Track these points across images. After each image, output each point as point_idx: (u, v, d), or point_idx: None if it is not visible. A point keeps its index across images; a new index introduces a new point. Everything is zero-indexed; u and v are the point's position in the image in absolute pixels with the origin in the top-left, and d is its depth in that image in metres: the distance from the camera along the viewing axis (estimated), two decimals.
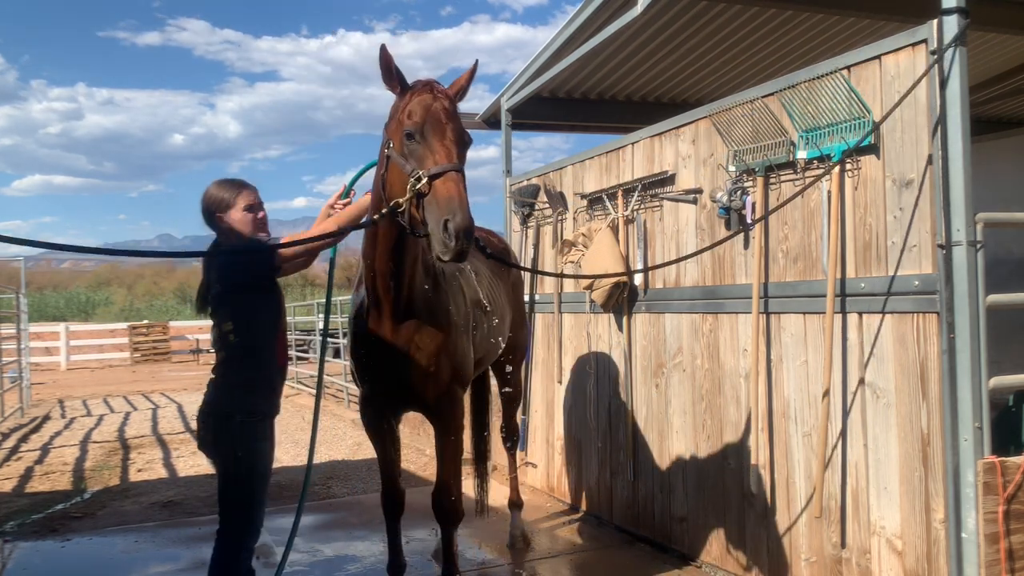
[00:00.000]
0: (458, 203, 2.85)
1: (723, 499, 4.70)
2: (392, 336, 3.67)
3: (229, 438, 3.34)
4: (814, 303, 4.04)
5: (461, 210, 2.83)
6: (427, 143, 3.06)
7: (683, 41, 6.61)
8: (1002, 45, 7.05)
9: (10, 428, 12.07)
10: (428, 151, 3.04)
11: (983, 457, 3.32)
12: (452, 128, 3.13)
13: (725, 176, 4.60)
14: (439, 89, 3.23)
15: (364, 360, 3.87)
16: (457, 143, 3.10)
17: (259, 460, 3.41)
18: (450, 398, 3.91)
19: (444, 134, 3.09)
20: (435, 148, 3.04)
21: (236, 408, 3.35)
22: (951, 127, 3.38)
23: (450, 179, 2.93)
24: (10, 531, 6.10)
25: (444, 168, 2.96)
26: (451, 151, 3.04)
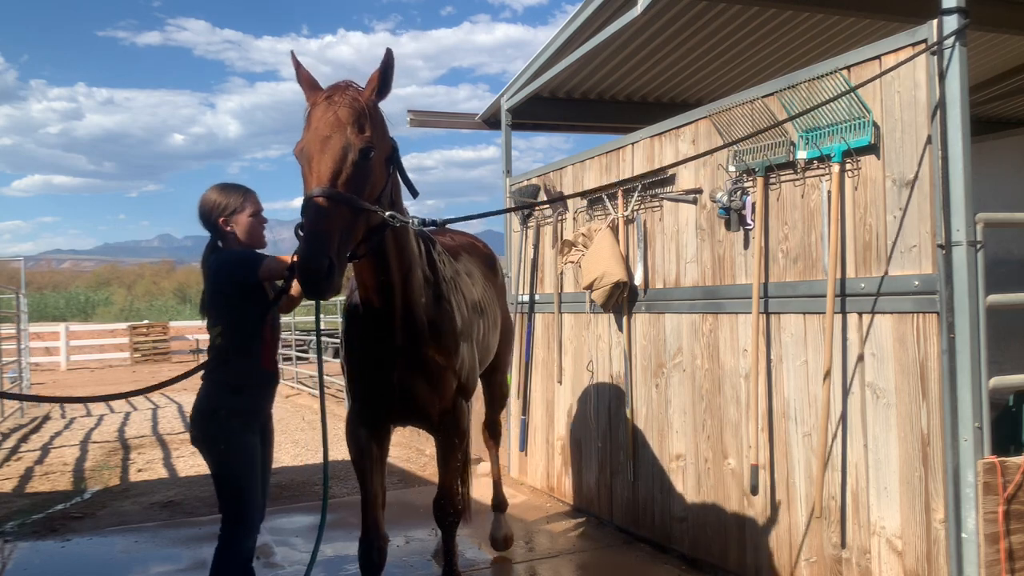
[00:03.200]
0: (305, 231, 2.65)
1: (723, 499, 4.70)
2: (392, 351, 3.42)
3: (214, 435, 3.46)
4: (814, 303, 4.04)
5: (306, 244, 2.62)
6: (305, 164, 2.81)
7: (683, 41, 6.61)
8: (1002, 45, 7.05)
9: (10, 428, 12.07)
10: (306, 177, 2.80)
11: (983, 457, 3.32)
12: (332, 142, 2.76)
13: (725, 176, 4.60)
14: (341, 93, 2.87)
15: (360, 374, 3.59)
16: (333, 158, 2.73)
17: (245, 457, 3.48)
18: (456, 411, 3.73)
19: (319, 151, 2.76)
20: (307, 171, 2.78)
21: (221, 405, 3.47)
22: (951, 127, 3.39)
23: (307, 205, 2.67)
24: (10, 531, 6.09)
25: (308, 195, 2.69)
26: (320, 172, 2.72)
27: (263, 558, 5.23)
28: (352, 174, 2.75)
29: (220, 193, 3.62)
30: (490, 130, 8.19)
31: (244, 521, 3.50)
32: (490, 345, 4.67)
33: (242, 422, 3.50)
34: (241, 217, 3.62)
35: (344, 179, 2.73)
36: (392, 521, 5.81)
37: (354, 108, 2.83)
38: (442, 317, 3.55)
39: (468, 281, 4.23)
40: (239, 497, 3.48)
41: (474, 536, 5.61)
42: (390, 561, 3.77)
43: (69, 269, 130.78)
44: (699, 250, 4.88)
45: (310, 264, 2.59)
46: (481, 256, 4.96)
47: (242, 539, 3.50)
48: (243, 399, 3.51)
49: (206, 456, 3.56)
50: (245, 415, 3.51)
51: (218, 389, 3.51)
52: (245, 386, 3.52)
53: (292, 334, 17.80)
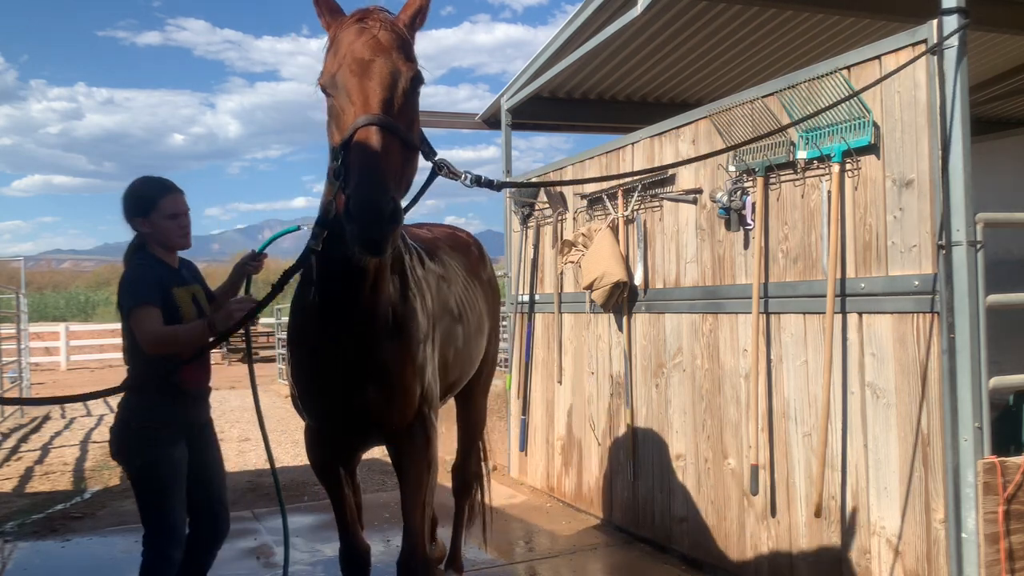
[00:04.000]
0: (358, 165, 2.10)
1: (723, 499, 4.70)
2: (347, 349, 2.84)
3: (127, 446, 3.34)
4: (814, 303, 4.04)
5: (365, 177, 2.07)
6: (343, 95, 2.28)
7: (683, 41, 6.61)
8: (1002, 45, 7.05)
9: (10, 428, 12.07)
10: (344, 108, 2.27)
11: (983, 457, 3.33)
12: (378, 65, 2.28)
13: (725, 176, 4.60)
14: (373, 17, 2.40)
15: (310, 382, 3.04)
16: (383, 83, 2.26)
17: (161, 468, 3.31)
18: (422, 423, 3.14)
19: (364, 75, 2.26)
20: (351, 99, 2.25)
21: (132, 416, 3.33)
22: (951, 127, 3.39)
23: (361, 136, 2.14)
24: (10, 531, 6.09)
25: (356, 125, 2.17)
26: (369, 99, 2.22)
27: (263, 558, 5.23)
28: (403, 106, 2.29)
29: (137, 189, 3.41)
30: (490, 130, 8.20)
31: (166, 532, 3.33)
32: (472, 354, 4.02)
33: (160, 434, 3.31)
34: (156, 217, 3.38)
35: (397, 110, 2.26)
36: (379, 524, 5.83)
37: (396, 32, 2.39)
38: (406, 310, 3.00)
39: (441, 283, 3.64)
40: (160, 508, 3.31)
41: (474, 536, 5.60)
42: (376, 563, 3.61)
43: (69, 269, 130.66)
44: (699, 250, 4.88)
45: (375, 202, 2.02)
46: (463, 249, 4.42)
47: (167, 550, 3.33)
48: (161, 411, 3.33)
49: (124, 469, 3.45)
50: (164, 427, 3.33)
51: (129, 400, 3.38)
52: (157, 395, 3.33)
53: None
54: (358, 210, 2.03)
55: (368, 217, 2.03)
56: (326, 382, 2.94)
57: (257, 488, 7.45)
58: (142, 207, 3.37)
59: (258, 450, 9.65)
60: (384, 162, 2.12)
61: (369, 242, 2.06)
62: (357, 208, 2.03)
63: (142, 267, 3.36)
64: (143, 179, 3.48)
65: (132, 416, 3.34)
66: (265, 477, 8.02)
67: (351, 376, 2.87)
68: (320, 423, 3.17)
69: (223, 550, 3.76)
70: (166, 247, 3.45)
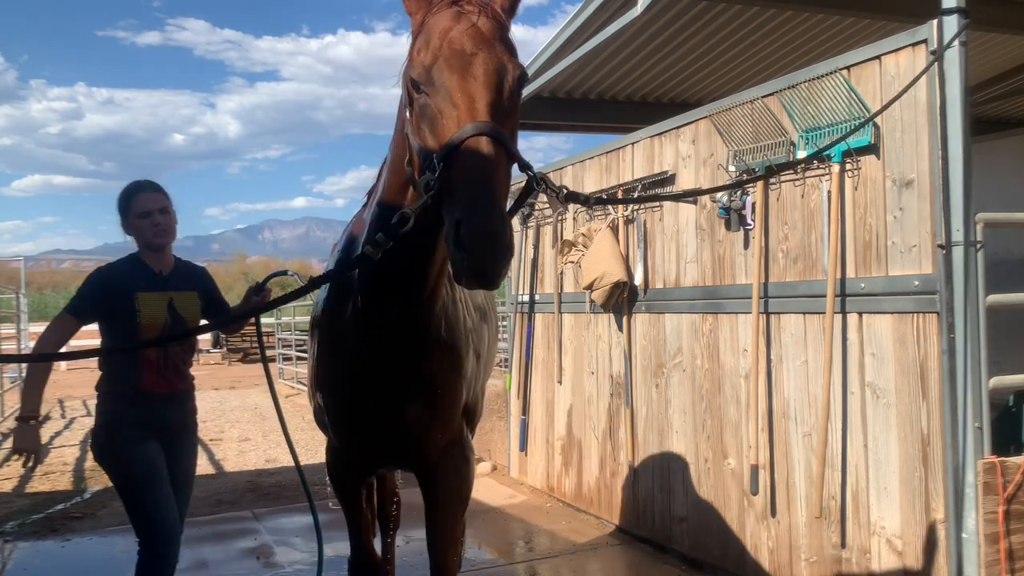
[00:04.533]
0: (471, 185, 1.79)
1: (723, 499, 4.70)
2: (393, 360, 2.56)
3: (101, 447, 3.37)
4: (814, 303, 4.04)
5: (480, 201, 1.76)
6: (441, 94, 1.94)
7: (683, 41, 6.61)
8: (1002, 45, 7.05)
9: (10, 428, 12.07)
10: (442, 110, 1.92)
11: (983, 457, 3.33)
12: (482, 60, 1.94)
13: (725, 176, 4.60)
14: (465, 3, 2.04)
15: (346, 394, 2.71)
16: (490, 84, 1.93)
17: (133, 466, 3.31)
18: (461, 445, 2.91)
19: (467, 73, 1.93)
20: (453, 101, 1.91)
21: (103, 417, 3.38)
22: (951, 127, 3.39)
23: (470, 149, 1.82)
24: (10, 531, 6.10)
25: (463, 134, 1.84)
26: (475, 102, 1.89)
27: (263, 558, 5.23)
28: (508, 111, 1.97)
29: (120, 193, 3.46)
30: None
31: (153, 530, 3.29)
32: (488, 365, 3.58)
33: (133, 434, 3.32)
34: (131, 218, 3.43)
35: (502, 117, 1.94)
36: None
37: (497, 20, 2.05)
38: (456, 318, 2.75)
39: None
40: (137, 508, 3.31)
41: (474, 536, 5.61)
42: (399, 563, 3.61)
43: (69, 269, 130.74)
44: (699, 250, 4.88)
45: (493, 232, 1.75)
46: None
47: (158, 547, 3.28)
48: (134, 411, 3.34)
49: (104, 470, 3.45)
50: (137, 427, 3.33)
51: (106, 400, 3.41)
52: (134, 398, 3.35)
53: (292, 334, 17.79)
54: (474, 241, 1.73)
55: (486, 249, 1.75)
56: (365, 395, 2.64)
57: (257, 488, 7.45)
58: (121, 209, 3.43)
59: (258, 450, 9.65)
60: (498, 183, 1.84)
61: (483, 275, 1.79)
62: (473, 238, 1.73)
63: (105, 268, 3.42)
64: (128, 184, 3.51)
65: (103, 417, 3.37)
66: (265, 477, 8.02)
67: (394, 389, 2.61)
68: (351, 439, 2.87)
69: (223, 550, 3.76)
70: (147, 248, 3.44)
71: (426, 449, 2.80)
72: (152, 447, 3.35)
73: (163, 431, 3.41)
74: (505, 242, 1.77)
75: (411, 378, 2.61)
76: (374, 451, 2.87)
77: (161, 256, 3.49)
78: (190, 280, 3.58)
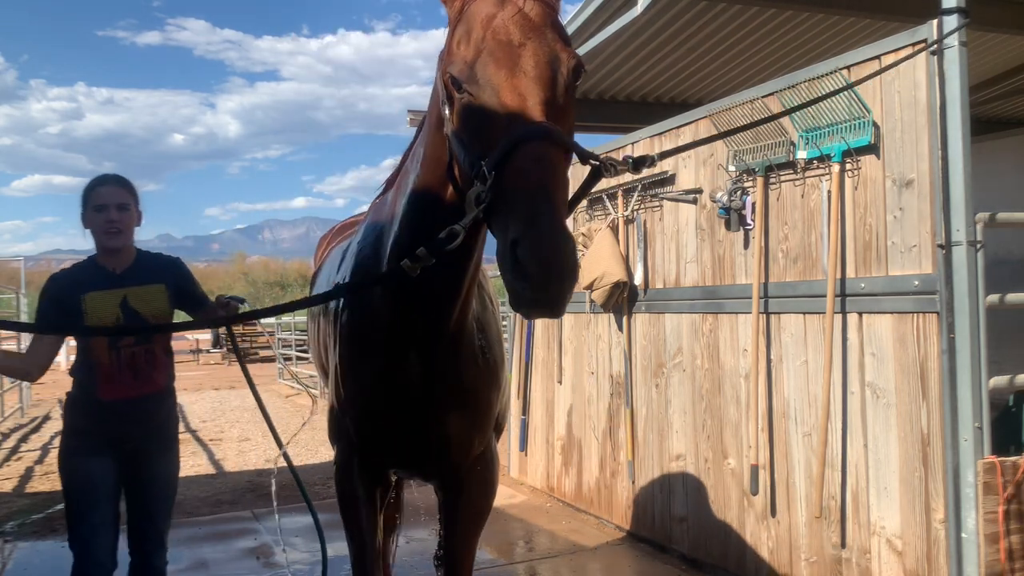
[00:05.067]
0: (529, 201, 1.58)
1: (723, 499, 4.70)
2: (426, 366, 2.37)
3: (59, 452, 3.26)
4: (814, 303, 4.04)
5: (540, 216, 1.55)
6: (488, 93, 1.72)
7: (683, 41, 6.61)
8: (1002, 45, 7.05)
9: (10, 428, 12.07)
10: (491, 111, 1.71)
11: (983, 457, 3.32)
12: (532, 51, 1.73)
13: (725, 176, 4.60)
14: None
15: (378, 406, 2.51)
16: (542, 80, 1.72)
17: (71, 480, 3.16)
18: (490, 455, 2.75)
19: (516, 68, 1.71)
20: (501, 101, 1.70)
21: (65, 422, 3.28)
22: (951, 127, 3.39)
23: (525, 155, 1.62)
24: (10, 531, 6.09)
25: (515, 138, 1.63)
26: (526, 100, 1.69)
27: (263, 558, 5.23)
28: (564, 108, 1.78)
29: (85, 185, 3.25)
30: None
31: (76, 552, 3.12)
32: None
33: (83, 447, 3.16)
34: (87, 213, 3.19)
35: (558, 115, 1.74)
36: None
37: (547, 4, 1.84)
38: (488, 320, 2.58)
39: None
40: (72, 525, 3.14)
41: None
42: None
43: None
44: (699, 250, 4.88)
45: (560, 257, 1.54)
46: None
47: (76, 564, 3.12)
48: (87, 421, 3.18)
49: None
50: (89, 438, 3.16)
51: (66, 408, 3.28)
52: (88, 408, 3.19)
53: (292, 334, 17.79)
54: (536, 265, 1.51)
55: (550, 274, 1.52)
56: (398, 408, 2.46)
57: (257, 488, 7.45)
58: (82, 201, 3.21)
59: (258, 450, 9.65)
60: (559, 192, 1.63)
61: (546, 304, 1.57)
62: (535, 263, 1.51)
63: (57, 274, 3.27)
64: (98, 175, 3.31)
65: (66, 422, 3.26)
66: (265, 477, 8.02)
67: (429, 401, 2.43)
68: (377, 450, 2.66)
69: (223, 550, 3.75)
70: (100, 247, 3.22)
71: (458, 460, 2.61)
72: (101, 464, 3.15)
73: (124, 442, 3.19)
74: (570, 264, 1.54)
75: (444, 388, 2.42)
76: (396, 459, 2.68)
77: (117, 256, 3.23)
78: (154, 273, 3.29)
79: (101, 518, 3.13)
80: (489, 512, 2.80)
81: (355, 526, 2.77)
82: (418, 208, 2.14)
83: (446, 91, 1.85)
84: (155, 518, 3.32)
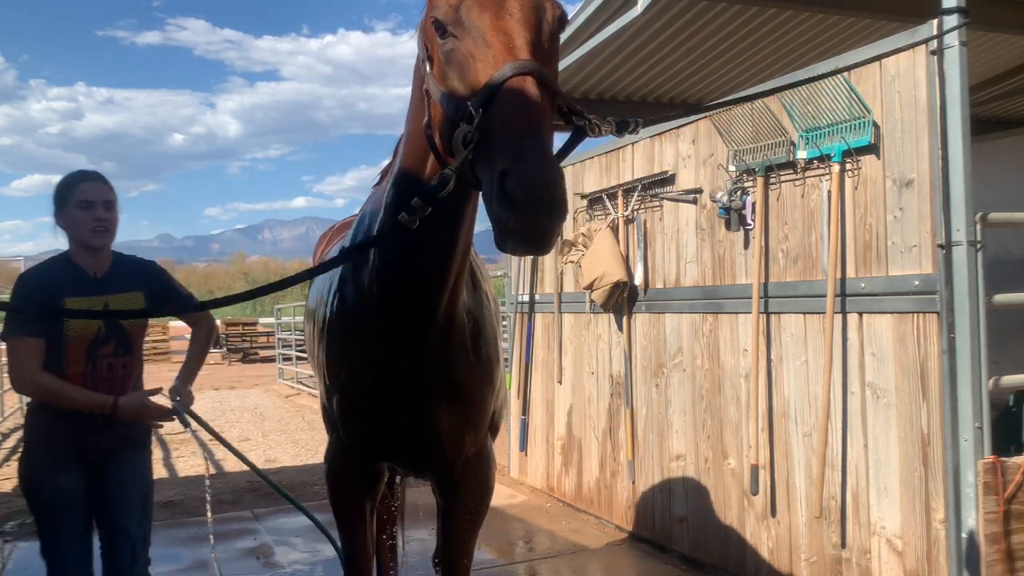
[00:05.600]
0: (517, 131, 1.56)
1: (723, 499, 4.70)
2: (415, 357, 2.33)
3: (19, 465, 3.08)
4: (814, 303, 4.04)
5: (529, 147, 1.54)
6: (473, 34, 1.72)
7: (683, 41, 6.60)
8: (1002, 45, 7.05)
9: (10, 428, 12.07)
10: (474, 52, 1.71)
11: (983, 457, 3.33)
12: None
13: (725, 176, 4.60)
14: None
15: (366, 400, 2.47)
16: (527, 22, 1.73)
17: (39, 494, 2.99)
18: (486, 453, 2.73)
19: (501, 10, 1.73)
20: (487, 41, 1.70)
21: (27, 432, 3.06)
22: (951, 127, 3.39)
23: (512, 92, 1.61)
24: (10, 531, 6.10)
25: (502, 75, 1.62)
26: (513, 40, 1.69)
27: (263, 558, 5.23)
28: (548, 54, 1.78)
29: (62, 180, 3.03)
30: None
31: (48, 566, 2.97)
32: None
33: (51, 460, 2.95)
34: (68, 209, 2.96)
35: (544, 59, 1.73)
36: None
37: None
38: (481, 309, 2.52)
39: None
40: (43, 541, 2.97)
41: None
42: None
43: None
44: (699, 250, 4.88)
45: (548, 184, 1.51)
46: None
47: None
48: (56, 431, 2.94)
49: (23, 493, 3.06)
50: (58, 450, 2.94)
51: (31, 416, 3.06)
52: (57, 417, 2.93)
53: (292, 334, 17.80)
54: (524, 193, 1.48)
55: (539, 203, 1.49)
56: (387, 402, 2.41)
57: (257, 488, 7.45)
58: (58, 198, 3.00)
59: (258, 450, 9.65)
60: (547, 128, 1.62)
61: (533, 236, 1.55)
62: (522, 190, 1.48)
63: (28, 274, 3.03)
64: (68, 173, 3.09)
65: (26, 435, 3.04)
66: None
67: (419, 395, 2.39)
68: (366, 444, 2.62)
69: (223, 550, 3.74)
70: (80, 244, 3.00)
71: (451, 457, 2.57)
72: (68, 477, 2.96)
73: (93, 452, 3.02)
74: (560, 195, 1.52)
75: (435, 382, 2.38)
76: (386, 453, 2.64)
77: (96, 256, 3.04)
78: (132, 279, 3.12)
79: (75, 536, 2.98)
80: (486, 513, 2.77)
81: (346, 521, 2.75)
82: (406, 178, 2.13)
83: (427, 46, 1.87)
84: (127, 531, 3.10)
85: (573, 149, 1.92)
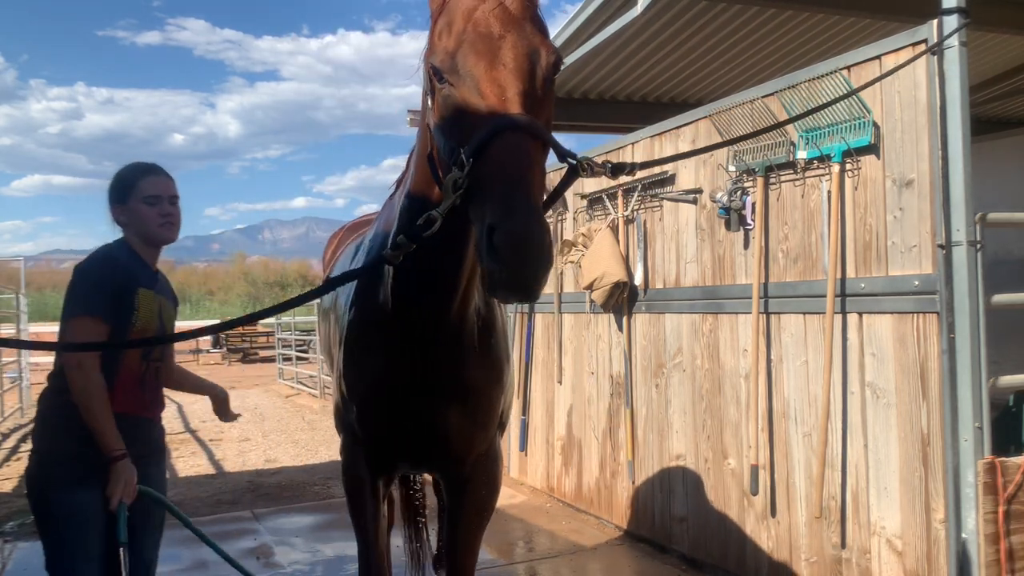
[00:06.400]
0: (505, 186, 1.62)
1: (723, 499, 4.70)
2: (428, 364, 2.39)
3: (28, 476, 2.75)
4: (814, 303, 4.04)
5: (516, 202, 1.60)
6: (468, 83, 1.77)
7: (683, 41, 6.61)
8: (1002, 45, 7.05)
9: (10, 428, 12.07)
10: (469, 101, 1.76)
11: (983, 457, 3.32)
12: (512, 44, 1.78)
13: (725, 176, 4.60)
14: None
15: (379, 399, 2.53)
16: (520, 72, 1.77)
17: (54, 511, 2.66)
18: (494, 452, 2.77)
19: (495, 59, 1.76)
20: (481, 92, 1.74)
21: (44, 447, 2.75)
22: (951, 127, 3.39)
23: (502, 146, 1.66)
24: (10, 531, 6.10)
25: (492, 128, 1.68)
26: (505, 92, 1.73)
27: (263, 558, 5.23)
28: (542, 100, 1.83)
29: (118, 174, 2.90)
30: None
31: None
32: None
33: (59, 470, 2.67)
34: (132, 203, 2.82)
35: (535, 107, 1.78)
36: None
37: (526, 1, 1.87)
38: (492, 316, 2.56)
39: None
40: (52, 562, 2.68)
41: None
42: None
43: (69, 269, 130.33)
44: (699, 250, 4.88)
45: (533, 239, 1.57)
46: None
47: None
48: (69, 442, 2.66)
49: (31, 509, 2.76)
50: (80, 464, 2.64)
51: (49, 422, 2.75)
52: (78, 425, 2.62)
53: (292, 334, 17.81)
54: (511, 249, 1.55)
55: (525, 258, 1.57)
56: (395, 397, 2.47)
57: (257, 488, 7.45)
58: (120, 192, 2.86)
59: (258, 450, 9.66)
60: (535, 181, 1.67)
61: (520, 288, 1.62)
62: (509, 246, 1.55)
63: (104, 256, 2.81)
64: (127, 165, 2.97)
65: (40, 444, 2.76)
66: (265, 477, 8.03)
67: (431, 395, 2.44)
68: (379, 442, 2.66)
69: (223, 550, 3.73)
70: (145, 239, 2.88)
71: (461, 455, 2.62)
72: (88, 492, 2.65)
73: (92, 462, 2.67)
74: (545, 249, 1.58)
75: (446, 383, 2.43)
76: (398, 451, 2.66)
77: (156, 252, 2.96)
78: (167, 285, 3.08)
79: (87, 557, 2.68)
80: (493, 510, 2.80)
81: (361, 517, 2.77)
82: (413, 203, 2.19)
83: (428, 82, 1.92)
84: (143, 554, 2.92)
85: (567, 188, 2.01)
